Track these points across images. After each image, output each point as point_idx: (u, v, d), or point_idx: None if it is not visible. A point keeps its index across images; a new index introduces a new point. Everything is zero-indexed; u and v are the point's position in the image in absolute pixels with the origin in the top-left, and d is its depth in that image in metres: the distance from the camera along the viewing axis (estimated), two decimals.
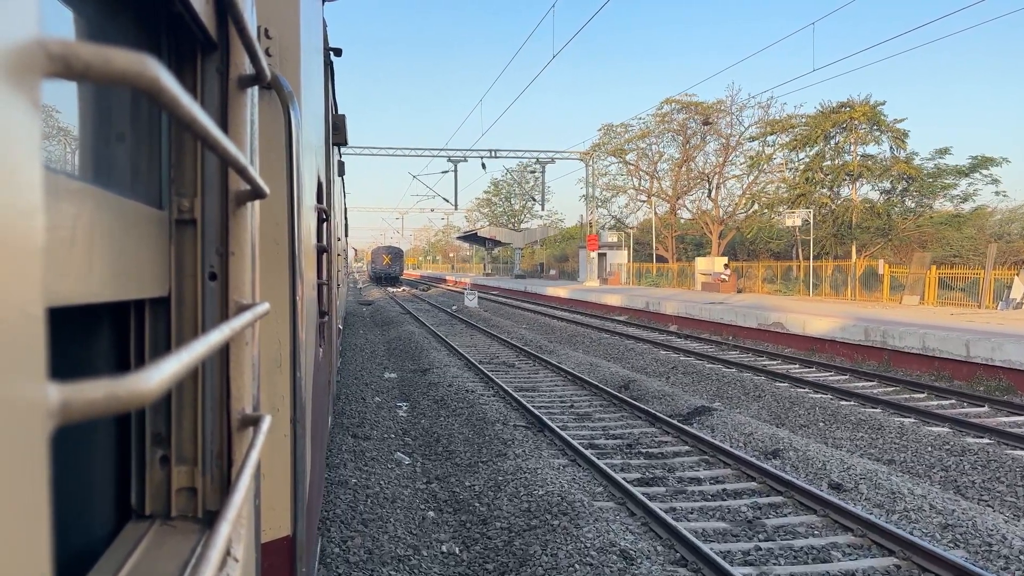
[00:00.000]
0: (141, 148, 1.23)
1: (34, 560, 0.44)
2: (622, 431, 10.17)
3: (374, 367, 16.06)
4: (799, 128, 41.65)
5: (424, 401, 12.27)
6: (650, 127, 50.51)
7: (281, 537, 2.48)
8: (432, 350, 18.23)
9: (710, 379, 14.30)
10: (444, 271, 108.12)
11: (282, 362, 2.47)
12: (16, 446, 0.41)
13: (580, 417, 11.15)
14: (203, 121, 0.72)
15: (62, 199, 0.73)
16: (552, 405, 12.01)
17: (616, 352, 18.58)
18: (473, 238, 76.56)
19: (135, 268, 1.04)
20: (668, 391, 12.72)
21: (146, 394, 0.51)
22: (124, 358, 1.26)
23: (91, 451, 1.19)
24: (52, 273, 0.69)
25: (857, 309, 22.96)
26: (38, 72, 0.45)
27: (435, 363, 15.91)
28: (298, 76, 2.72)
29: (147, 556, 1.11)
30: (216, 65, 1.29)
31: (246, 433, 1.31)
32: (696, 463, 8.66)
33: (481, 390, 13.00)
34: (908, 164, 37.18)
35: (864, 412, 11.05)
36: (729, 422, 10.38)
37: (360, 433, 9.83)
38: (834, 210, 39.02)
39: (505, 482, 7.65)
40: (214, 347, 0.82)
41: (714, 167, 49.23)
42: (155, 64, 0.52)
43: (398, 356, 18.05)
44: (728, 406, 12.09)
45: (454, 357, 17.27)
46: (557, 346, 19.64)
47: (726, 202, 49.06)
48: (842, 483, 7.77)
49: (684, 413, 11.20)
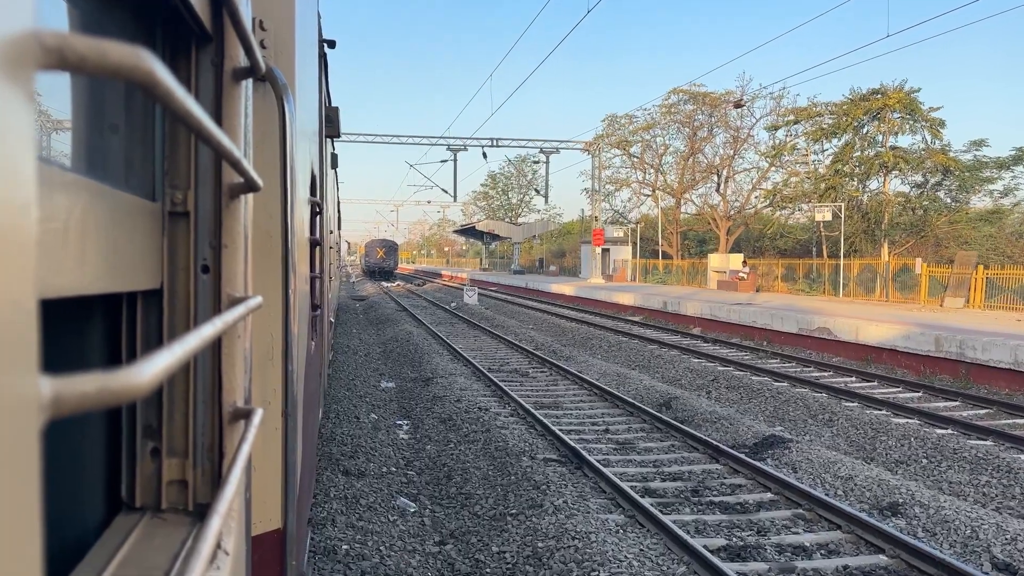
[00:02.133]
0: (135, 140, 1.23)
1: (25, 551, 0.44)
2: (679, 468, 8.36)
3: (369, 374, 14.63)
4: (826, 116, 38.97)
5: (428, 420, 10.70)
6: (656, 118, 48.93)
7: (272, 530, 2.48)
8: (433, 354, 16.74)
9: (761, 395, 12.45)
10: (439, 265, 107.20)
11: (274, 355, 2.47)
12: (8, 439, 0.41)
13: (621, 447, 9.34)
14: (197, 114, 0.72)
15: (56, 191, 0.73)
16: (583, 428, 10.26)
17: (641, 359, 16.88)
18: (471, 232, 74.58)
19: (128, 260, 1.04)
20: (719, 412, 10.93)
21: (138, 388, 0.51)
22: (116, 350, 1.25)
23: (81, 443, 1.19)
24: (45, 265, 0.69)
25: (902, 312, 21.39)
26: (33, 64, 0.45)
27: (438, 370, 14.50)
28: (292, 69, 2.71)
29: (137, 548, 1.11)
30: (211, 57, 1.29)
31: (237, 426, 1.31)
32: (790, 521, 6.77)
33: (495, 407, 11.34)
34: (946, 155, 34.34)
35: (974, 446, 9.04)
36: (811, 457, 8.55)
37: (353, 468, 8.08)
38: (865, 204, 36.43)
39: (547, 552, 5.87)
40: (206, 340, 0.82)
41: (723, 160, 47.35)
42: (150, 57, 0.52)
43: (396, 361, 16.55)
44: (796, 432, 10.34)
45: (459, 363, 15.79)
46: (572, 351, 18.14)
47: (735, 197, 47.50)
48: (1011, 562, 5.81)
49: (749, 443, 9.40)
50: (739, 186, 47.88)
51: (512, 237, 67.05)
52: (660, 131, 49.59)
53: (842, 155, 37.42)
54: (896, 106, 35.00)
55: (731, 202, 47.23)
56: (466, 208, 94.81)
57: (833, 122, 38.15)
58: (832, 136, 38.24)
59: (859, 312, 20.89)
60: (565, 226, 74.83)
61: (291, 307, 2.13)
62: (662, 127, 49.24)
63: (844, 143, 37.48)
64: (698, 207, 50.46)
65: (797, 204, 41.03)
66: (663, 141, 50.19)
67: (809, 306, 23.38)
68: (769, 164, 45.00)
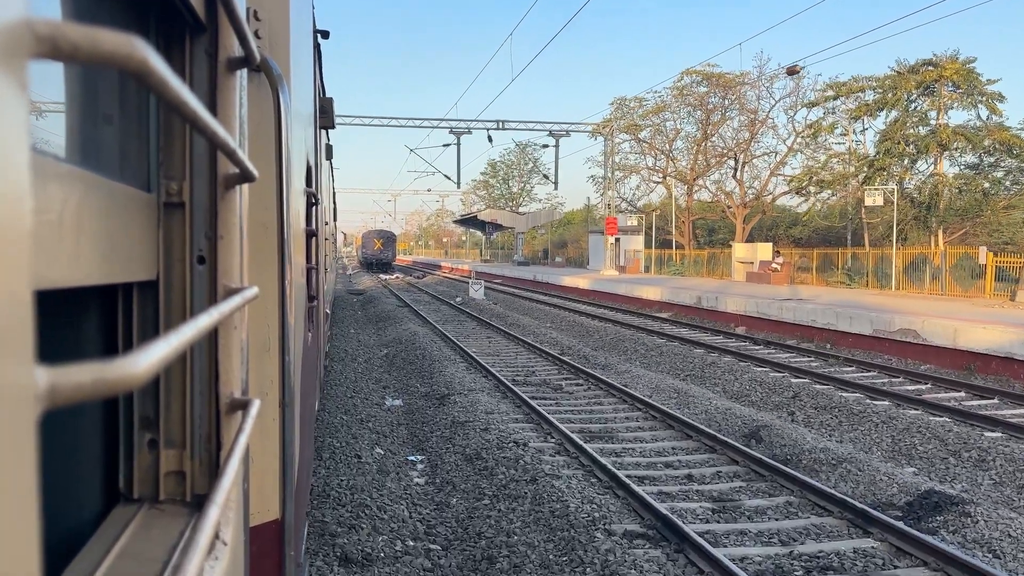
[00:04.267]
0: (129, 130, 1.22)
1: (23, 543, 0.44)
2: (817, 546, 5.92)
3: (371, 387, 12.37)
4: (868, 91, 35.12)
5: (449, 456, 8.43)
6: (667, 101, 46.29)
7: (270, 521, 2.48)
8: (445, 361, 14.57)
9: (866, 420, 9.94)
10: (437, 257, 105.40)
11: (271, 346, 2.47)
12: (4, 430, 0.41)
13: (719, 506, 6.88)
14: (192, 104, 0.72)
15: (50, 182, 0.73)
16: (657, 474, 7.85)
17: (691, 367, 14.35)
18: (472, 222, 71.91)
19: (123, 251, 1.04)
20: (832, 449, 8.34)
21: (135, 378, 0.51)
22: (112, 341, 1.25)
23: (79, 434, 1.19)
24: (40, 256, 0.68)
25: (976, 308, 18.71)
26: (25, 53, 0.44)
27: (454, 383, 12.23)
28: (287, 59, 2.70)
29: (135, 539, 1.11)
30: (205, 47, 1.28)
31: (235, 417, 1.31)
32: None
33: (534, 439, 9.01)
34: (1009, 132, 31.16)
35: None
36: (1008, 530, 6.11)
37: (355, 549, 5.79)
38: (918, 187, 33.33)
39: None
40: (203, 331, 0.82)
41: (741, 144, 44.56)
42: (144, 46, 0.51)
43: (402, 369, 14.42)
44: (944, 480, 7.80)
45: (477, 373, 13.60)
46: (606, 356, 15.81)
47: (753, 182, 44.90)
48: None
49: (898, 502, 6.92)
50: (757, 171, 45.42)
51: (516, 227, 64.60)
52: (671, 114, 47.33)
53: (891, 133, 33.44)
54: (953, 78, 31.55)
55: (749, 188, 44.83)
56: (466, 197, 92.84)
57: (878, 97, 34.51)
58: (878, 112, 34.69)
59: (926, 308, 18.31)
60: (567, 215, 73.14)
61: (287, 298, 2.13)
62: (673, 110, 46.92)
63: (893, 120, 33.77)
64: (712, 194, 47.98)
65: (833, 189, 37.73)
66: (674, 125, 47.85)
67: (872, 303, 20.46)
68: (789, 148, 42.45)
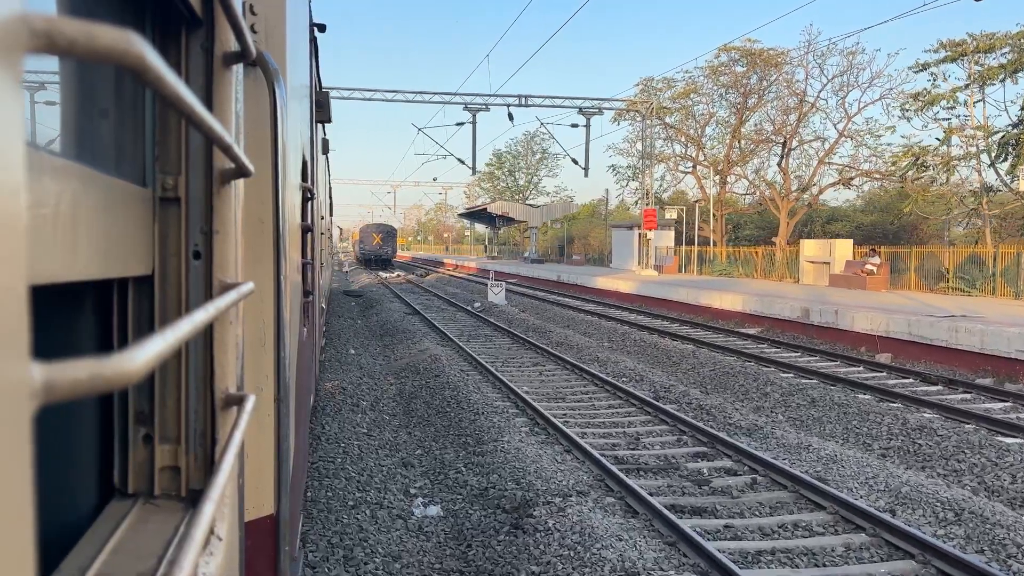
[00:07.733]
0: (125, 125, 1.22)
1: (18, 538, 0.44)
2: None
3: (382, 464, 7.76)
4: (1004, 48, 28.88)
5: None
6: (699, 82, 41.83)
7: (265, 516, 2.48)
8: (491, 412, 9.69)
9: None
10: (437, 252, 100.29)
11: (266, 341, 2.47)
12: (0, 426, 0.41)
13: None
14: (188, 99, 0.72)
15: (45, 176, 0.73)
16: None
17: (875, 427, 9.30)
18: (480, 215, 63.96)
19: (119, 246, 1.04)
20: None
21: (130, 374, 0.51)
22: (107, 336, 1.25)
23: (74, 429, 1.19)
24: (35, 251, 0.68)
25: None
26: (21, 48, 0.44)
27: (525, 468, 7.37)
28: (283, 53, 2.69)
29: (130, 534, 1.11)
30: (201, 42, 1.28)
31: (230, 412, 1.31)
32: None
33: None
34: None
35: None
36: None
37: None
38: None
39: None
40: (198, 326, 0.82)
41: (782, 128, 39.74)
42: (140, 41, 0.51)
43: (427, 425, 9.46)
44: None
45: (551, 441, 8.66)
46: (723, 402, 10.87)
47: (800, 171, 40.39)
48: None
49: None
50: (806, 159, 40.41)
51: (529, 220, 57.25)
52: (703, 96, 42.80)
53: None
54: None
55: (795, 176, 40.15)
56: (470, 190, 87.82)
57: (1013, 58, 28.77)
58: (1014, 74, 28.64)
59: None
60: (584, 208, 67.69)
61: (283, 293, 2.13)
62: (705, 92, 42.49)
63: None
64: (751, 183, 43.19)
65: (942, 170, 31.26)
66: (706, 108, 43.09)
67: None
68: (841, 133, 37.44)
